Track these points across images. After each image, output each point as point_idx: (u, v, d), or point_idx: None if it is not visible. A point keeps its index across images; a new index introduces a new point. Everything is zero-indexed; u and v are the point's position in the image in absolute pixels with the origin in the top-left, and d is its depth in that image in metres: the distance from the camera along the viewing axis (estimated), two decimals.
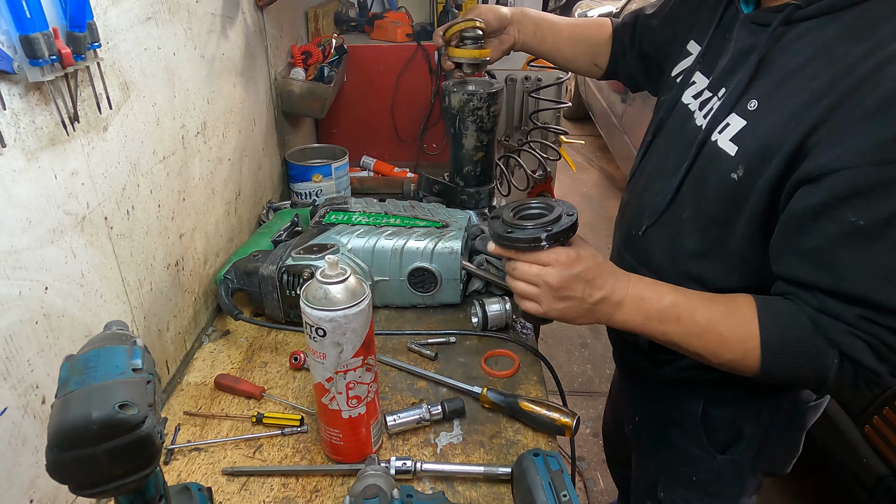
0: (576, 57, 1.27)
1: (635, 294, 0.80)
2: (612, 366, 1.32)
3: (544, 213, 0.84)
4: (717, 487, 1.04)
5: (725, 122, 0.81)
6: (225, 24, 1.21)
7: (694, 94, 0.92)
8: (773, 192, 0.76)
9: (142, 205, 0.92)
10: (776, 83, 0.76)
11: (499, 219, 0.86)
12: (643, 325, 0.81)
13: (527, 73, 2.15)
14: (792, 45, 0.76)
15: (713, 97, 0.86)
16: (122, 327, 0.61)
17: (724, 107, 0.82)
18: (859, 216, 0.68)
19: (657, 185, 0.94)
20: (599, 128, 5.02)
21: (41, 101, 0.69)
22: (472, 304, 1.14)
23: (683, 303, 0.79)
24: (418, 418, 0.90)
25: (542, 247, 0.80)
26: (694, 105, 0.91)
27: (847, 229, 0.69)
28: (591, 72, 1.29)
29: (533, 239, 0.79)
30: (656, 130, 1.00)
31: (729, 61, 0.85)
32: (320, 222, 1.21)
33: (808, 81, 0.72)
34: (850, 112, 0.67)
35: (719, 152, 0.81)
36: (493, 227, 0.85)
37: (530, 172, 2.23)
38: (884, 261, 0.68)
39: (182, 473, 0.85)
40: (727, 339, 0.77)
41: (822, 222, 0.71)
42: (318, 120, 2.01)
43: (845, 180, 0.67)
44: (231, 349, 1.10)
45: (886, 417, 1.60)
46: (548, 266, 0.79)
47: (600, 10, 5.08)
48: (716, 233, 0.85)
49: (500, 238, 0.82)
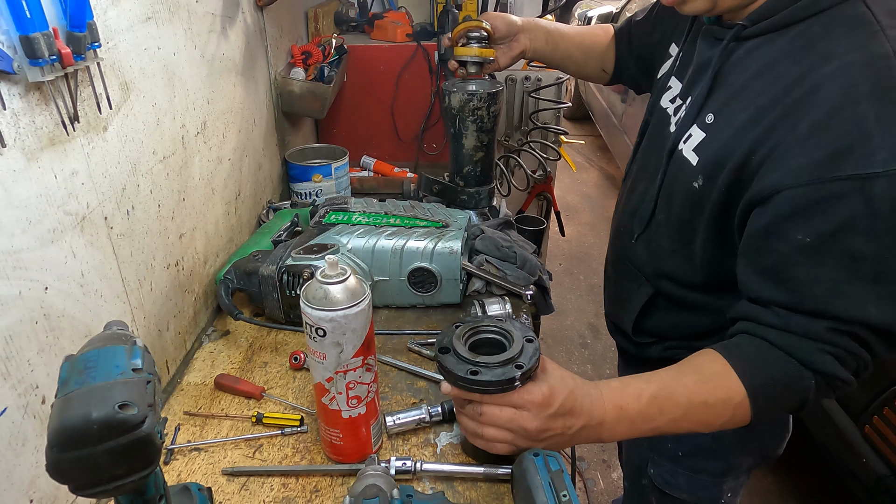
0: (586, 63, 1.29)
1: (613, 407, 0.77)
2: (613, 366, 1.33)
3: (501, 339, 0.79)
4: (701, 463, 1.06)
5: (688, 134, 0.86)
6: (225, 24, 1.22)
7: (670, 99, 0.97)
8: (726, 202, 0.80)
9: (142, 205, 0.92)
10: (728, 97, 0.81)
11: (450, 351, 0.77)
12: (630, 432, 0.78)
13: (527, 74, 2.16)
14: (742, 60, 0.81)
15: (682, 105, 0.91)
16: (122, 327, 0.61)
17: (688, 117, 0.87)
18: (805, 233, 0.71)
19: (641, 187, 1.00)
20: (599, 128, 5.02)
21: (41, 101, 0.69)
22: (472, 304, 1.14)
23: (659, 392, 0.77)
24: (418, 419, 0.90)
25: (514, 387, 0.73)
26: (670, 109, 0.96)
27: (796, 246, 0.72)
28: (600, 77, 1.31)
29: (506, 381, 0.72)
30: (643, 133, 1.05)
31: (693, 71, 0.90)
32: (320, 222, 1.21)
33: (754, 98, 0.76)
34: (788, 133, 0.71)
35: (684, 161, 0.86)
36: (447, 363, 0.75)
37: (530, 172, 2.23)
38: (835, 274, 0.71)
39: (182, 473, 0.85)
40: (713, 405, 0.77)
41: (773, 241, 0.74)
42: (318, 120, 2.01)
43: (788, 200, 0.71)
44: (231, 349, 1.10)
45: (886, 417, 1.60)
46: (521, 409, 0.74)
47: (600, 10, 5.07)
48: (685, 235, 0.89)
49: (464, 381, 0.74)
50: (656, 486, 1.12)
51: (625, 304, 1.06)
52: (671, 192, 0.90)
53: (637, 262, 1.02)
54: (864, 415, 1.66)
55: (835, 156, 0.67)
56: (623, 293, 1.08)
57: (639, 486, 1.18)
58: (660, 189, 0.93)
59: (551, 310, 1.31)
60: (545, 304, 1.28)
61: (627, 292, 1.06)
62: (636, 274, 1.03)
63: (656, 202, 0.94)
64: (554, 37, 1.27)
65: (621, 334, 1.12)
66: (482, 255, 1.21)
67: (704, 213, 0.84)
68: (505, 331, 0.80)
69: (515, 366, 0.74)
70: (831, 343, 0.73)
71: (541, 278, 1.25)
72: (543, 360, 0.77)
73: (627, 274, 1.05)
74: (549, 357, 0.80)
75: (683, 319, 0.99)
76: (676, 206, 0.89)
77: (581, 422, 0.76)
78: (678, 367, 0.80)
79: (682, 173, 0.86)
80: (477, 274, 1.17)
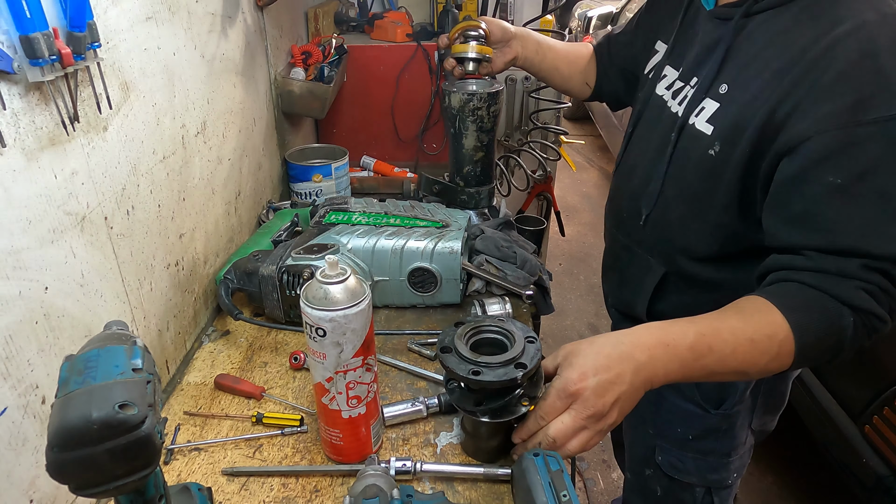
0: (571, 76, 1.35)
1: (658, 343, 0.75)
2: None
3: (503, 339, 0.79)
4: (710, 445, 1.09)
5: (700, 107, 0.90)
6: (225, 24, 1.21)
7: (666, 86, 1.01)
8: (749, 163, 0.84)
9: (142, 205, 0.92)
10: (741, 67, 0.86)
11: (451, 351, 0.77)
12: (682, 370, 0.76)
13: (527, 74, 2.15)
14: (752, 34, 0.86)
15: (685, 86, 0.96)
16: (122, 327, 0.61)
17: (698, 93, 0.91)
18: (836, 175, 0.74)
19: (641, 172, 1.04)
20: (599, 128, 5.02)
21: (41, 101, 0.69)
22: (472, 304, 1.14)
23: (706, 329, 0.77)
24: (414, 410, 0.90)
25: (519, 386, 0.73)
26: (667, 96, 1.00)
27: (828, 189, 0.75)
28: (582, 91, 1.37)
29: (508, 381, 0.72)
30: (636, 122, 1.09)
31: (697, 53, 0.95)
32: (320, 222, 1.21)
33: (769, 63, 0.82)
34: (811, 89, 0.76)
35: (697, 133, 0.90)
36: (449, 363, 0.75)
37: (530, 172, 2.23)
38: (866, 212, 0.75)
39: (182, 473, 0.85)
40: (759, 342, 0.76)
41: (803, 187, 0.77)
42: (318, 120, 2.01)
43: (818, 145, 0.75)
44: (231, 349, 1.10)
45: (886, 417, 1.60)
46: (565, 390, 0.73)
47: (600, 10, 5.07)
48: (696, 206, 0.93)
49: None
50: (665, 473, 1.13)
51: (636, 289, 1.08)
52: (683, 165, 0.93)
53: (647, 244, 1.04)
54: (864, 415, 1.66)
55: (859, 102, 0.73)
56: (632, 279, 1.10)
57: (642, 478, 1.19)
58: (668, 166, 0.96)
59: (551, 310, 1.31)
60: (545, 304, 1.28)
61: (637, 277, 1.08)
62: (645, 257, 1.05)
63: (664, 179, 0.97)
64: (543, 48, 1.32)
65: (631, 320, 1.12)
66: (482, 255, 1.21)
67: (724, 179, 0.87)
68: (506, 331, 0.81)
69: (517, 365, 0.74)
70: (866, 280, 0.75)
71: (541, 278, 1.25)
72: (561, 348, 0.78)
73: (635, 259, 1.07)
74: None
75: (695, 298, 0.99)
76: (690, 177, 0.93)
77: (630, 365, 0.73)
78: (719, 311, 0.80)
79: (696, 145, 0.90)
80: (477, 274, 1.17)
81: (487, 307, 1.11)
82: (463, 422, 0.87)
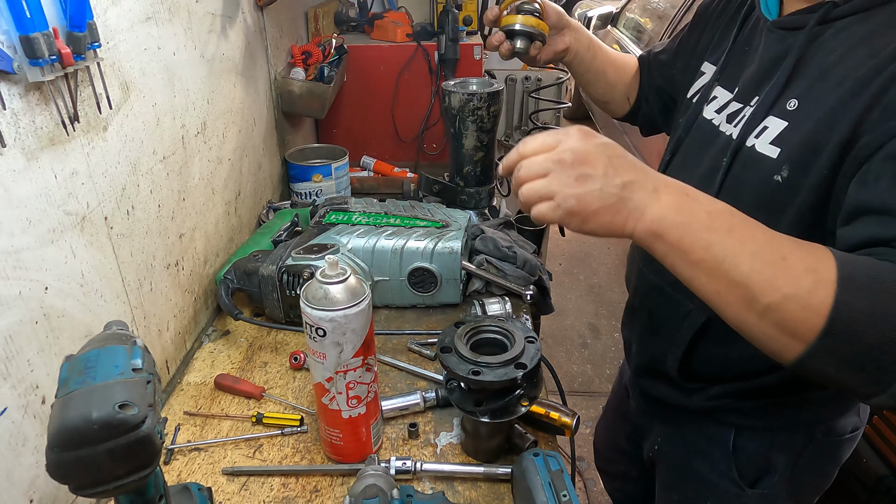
0: (615, 85, 1.22)
1: (676, 185, 0.64)
2: (613, 366, 1.32)
3: (503, 339, 0.79)
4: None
5: (762, 126, 0.80)
6: (225, 24, 1.21)
7: (717, 109, 0.91)
8: (825, 185, 0.73)
9: (142, 205, 0.92)
10: (815, 78, 0.76)
11: (451, 351, 0.77)
12: (684, 229, 0.62)
13: (527, 73, 2.16)
14: (828, 42, 0.77)
15: (744, 107, 0.85)
16: (122, 327, 0.61)
17: (759, 111, 0.80)
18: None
19: None
20: (599, 128, 5.02)
21: (41, 101, 0.69)
22: (472, 304, 1.14)
23: (740, 215, 0.64)
24: (411, 403, 0.91)
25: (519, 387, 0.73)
26: (718, 119, 0.90)
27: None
28: (621, 106, 1.23)
29: (508, 381, 0.73)
30: (674, 149, 0.98)
31: (757, 70, 0.85)
32: (320, 222, 1.21)
33: (850, 72, 0.72)
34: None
35: (758, 157, 0.79)
36: (449, 363, 0.76)
37: None
38: None
39: (182, 473, 0.85)
40: (792, 264, 0.60)
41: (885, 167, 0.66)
42: (318, 120, 2.01)
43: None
44: (231, 349, 1.10)
45: (886, 417, 1.60)
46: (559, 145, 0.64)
47: (600, 10, 5.08)
48: None
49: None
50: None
51: (668, 338, 0.94)
52: (737, 194, 0.80)
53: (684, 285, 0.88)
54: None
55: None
56: (664, 327, 0.96)
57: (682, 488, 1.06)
58: (717, 194, 0.83)
59: (551, 310, 1.31)
60: (545, 304, 1.28)
61: (670, 324, 0.93)
62: (681, 301, 0.90)
63: None
64: (595, 46, 1.18)
65: (656, 379, 1.00)
66: (482, 255, 1.21)
67: (792, 206, 0.76)
68: (506, 331, 0.80)
69: (517, 366, 0.74)
70: None
71: (541, 278, 1.24)
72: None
73: (669, 302, 0.93)
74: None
75: (741, 353, 0.85)
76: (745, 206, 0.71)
77: (629, 176, 0.63)
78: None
79: (756, 170, 0.79)
80: (477, 274, 1.17)
81: (487, 307, 1.11)
82: (463, 422, 0.87)
